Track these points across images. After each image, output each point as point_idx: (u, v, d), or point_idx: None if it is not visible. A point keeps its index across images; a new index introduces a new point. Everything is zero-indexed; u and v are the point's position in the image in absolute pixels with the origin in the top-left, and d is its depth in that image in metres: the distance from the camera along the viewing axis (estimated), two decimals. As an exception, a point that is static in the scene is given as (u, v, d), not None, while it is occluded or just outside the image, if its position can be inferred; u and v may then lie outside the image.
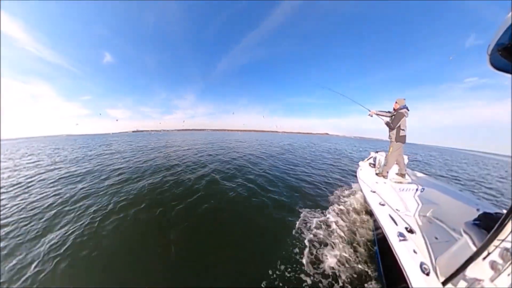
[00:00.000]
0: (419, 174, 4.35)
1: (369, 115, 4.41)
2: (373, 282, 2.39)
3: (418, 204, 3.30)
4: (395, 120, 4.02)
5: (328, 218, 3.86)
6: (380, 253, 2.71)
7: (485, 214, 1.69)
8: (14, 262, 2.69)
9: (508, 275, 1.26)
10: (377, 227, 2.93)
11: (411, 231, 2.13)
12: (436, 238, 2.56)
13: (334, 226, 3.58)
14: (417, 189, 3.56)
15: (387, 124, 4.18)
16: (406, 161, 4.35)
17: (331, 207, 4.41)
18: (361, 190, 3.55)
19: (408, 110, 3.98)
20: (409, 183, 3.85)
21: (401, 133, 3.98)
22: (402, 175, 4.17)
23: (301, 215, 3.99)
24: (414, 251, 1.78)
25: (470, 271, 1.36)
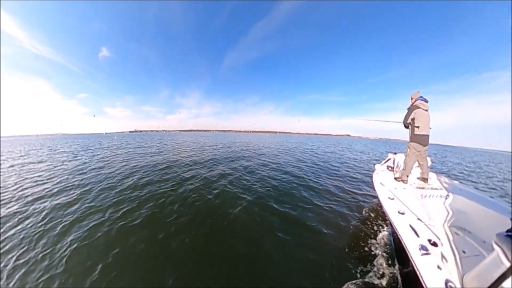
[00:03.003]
0: (444, 179, 4.21)
1: (406, 126, 4.04)
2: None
3: (443, 213, 3.20)
4: (406, 114, 3.84)
5: (342, 229, 3.81)
6: (400, 268, 2.63)
7: None
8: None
9: None
10: (395, 238, 2.86)
11: (434, 243, 2.05)
12: (464, 252, 2.47)
13: (347, 238, 3.54)
14: (441, 196, 3.44)
15: (404, 122, 4.03)
16: (429, 163, 4.24)
17: (348, 215, 4.37)
18: (378, 197, 3.48)
19: (426, 101, 3.75)
20: (432, 188, 3.72)
21: (417, 131, 3.74)
22: (425, 180, 4.03)
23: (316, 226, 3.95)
24: (438, 267, 1.71)
25: None
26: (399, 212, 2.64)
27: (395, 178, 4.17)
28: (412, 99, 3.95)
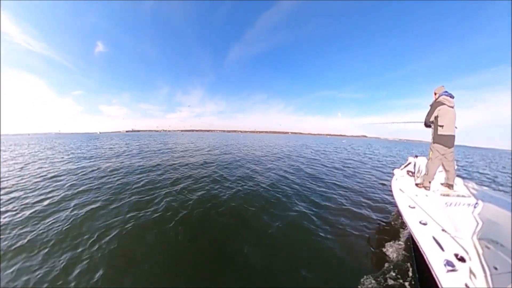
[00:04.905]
0: (472, 184, 3.99)
1: (427, 125, 3.85)
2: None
3: (471, 223, 3.03)
4: (429, 111, 3.65)
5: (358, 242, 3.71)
6: (422, 287, 2.52)
7: None
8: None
9: None
10: (417, 252, 2.74)
11: (462, 259, 1.94)
12: (496, 268, 2.32)
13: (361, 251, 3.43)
14: (469, 204, 3.26)
15: (425, 121, 3.82)
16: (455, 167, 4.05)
17: (362, 225, 4.26)
18: (397, 205, 3.36)
19: (452, 97, 3.51)
20: (458, 196, 3.51)
21: (440, 130, 3.51)
22: (450, 186, 3.81)
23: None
24: (467, 286, 1.62)
25: None
26: (420, 222, 2.54)
27: (416, 184, 4.00)
28: (435, 94, 3.76)
